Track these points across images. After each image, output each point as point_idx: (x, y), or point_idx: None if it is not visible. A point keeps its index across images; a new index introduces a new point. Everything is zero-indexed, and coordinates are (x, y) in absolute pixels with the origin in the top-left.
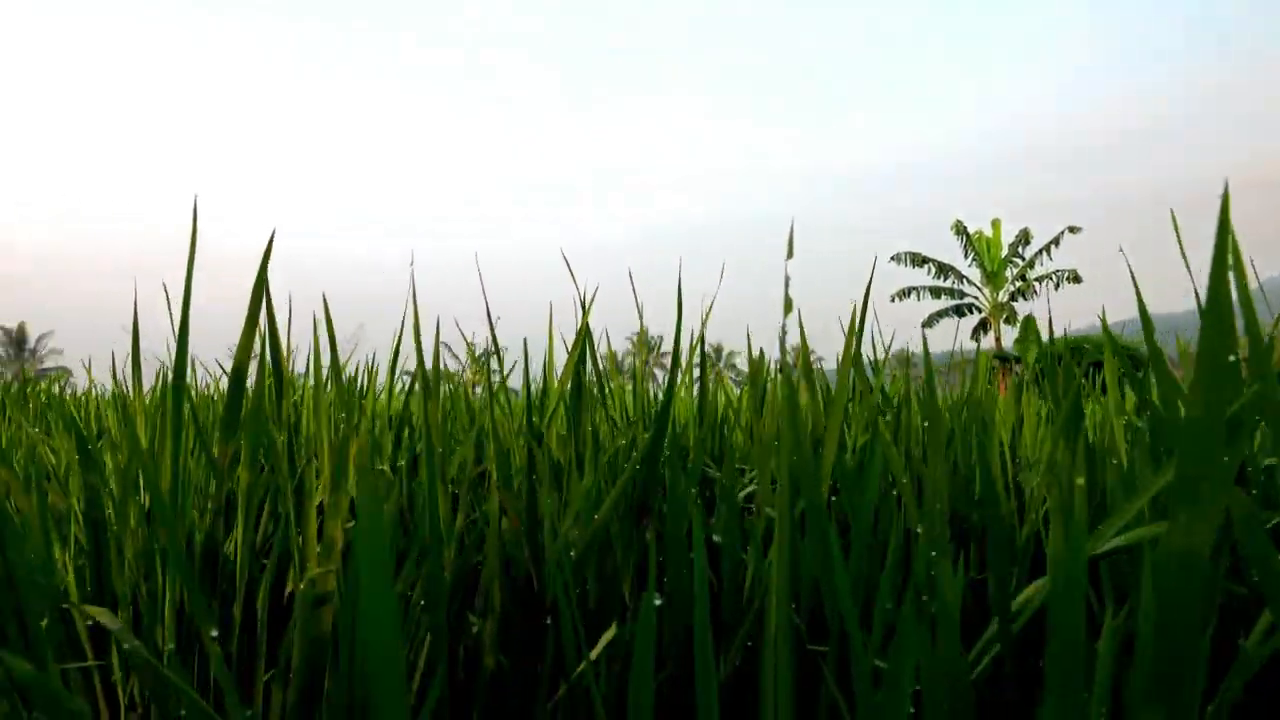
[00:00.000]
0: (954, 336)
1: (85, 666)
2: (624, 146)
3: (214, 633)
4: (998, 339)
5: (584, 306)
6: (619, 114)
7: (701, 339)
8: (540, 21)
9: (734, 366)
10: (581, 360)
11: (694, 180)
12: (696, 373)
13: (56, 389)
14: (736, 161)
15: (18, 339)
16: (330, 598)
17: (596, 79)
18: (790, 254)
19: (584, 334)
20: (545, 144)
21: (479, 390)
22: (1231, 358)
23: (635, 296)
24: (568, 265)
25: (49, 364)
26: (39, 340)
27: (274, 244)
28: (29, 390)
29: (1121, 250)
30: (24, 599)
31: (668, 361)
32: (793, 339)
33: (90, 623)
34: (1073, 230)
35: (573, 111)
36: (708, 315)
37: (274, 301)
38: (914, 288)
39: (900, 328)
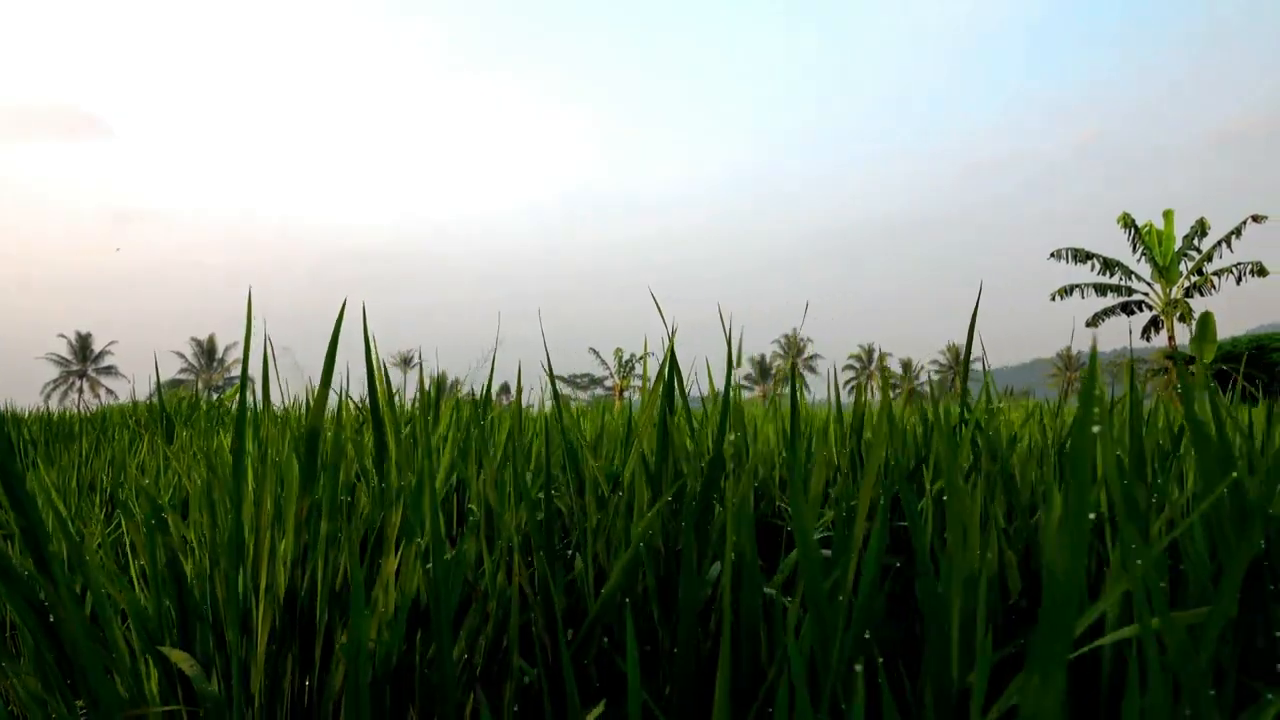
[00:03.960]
0: (1116, 337)
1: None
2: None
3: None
4: (1171, 338)
5: None
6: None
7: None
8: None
9: (886, 368)
10: None
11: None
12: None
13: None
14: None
15: (208, 350)
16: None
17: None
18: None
19: None
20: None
21: (627, 396)
22: None
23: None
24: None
25: (235, 372)
26: (226, 350)
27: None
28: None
29: None
30: (111, 637)
31: (816, 364)
32: (944, 339)
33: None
34: (1257, 219)
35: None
36: (789, 321)
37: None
38: (1076, 285)
39: (1063, 328)
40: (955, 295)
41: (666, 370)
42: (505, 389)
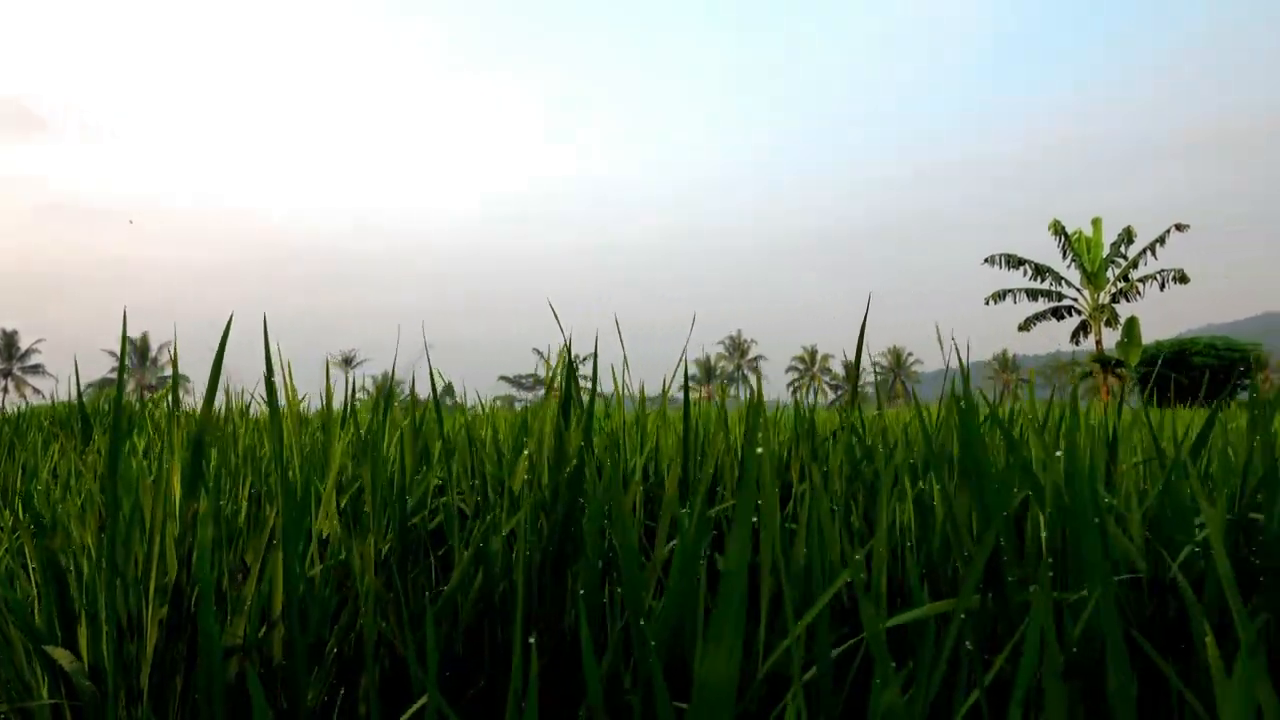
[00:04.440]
0: (1049, 340)
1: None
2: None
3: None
4: (1098, 342)
5: None
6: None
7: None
8: None
9: (828, 370)
10: None
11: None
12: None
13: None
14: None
15: (140, 349)
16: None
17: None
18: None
19: None
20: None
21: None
22: None
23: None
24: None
25: (168, 372)
26: (160, 349)
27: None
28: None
29: None
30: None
31: (760, 365)
32: (889, 342)
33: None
34: (1180, 228)
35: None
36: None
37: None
38: (1009, 290)
39: (996, 331)
40: (908, 297)
41: (563, 382)
42: (450, 389)
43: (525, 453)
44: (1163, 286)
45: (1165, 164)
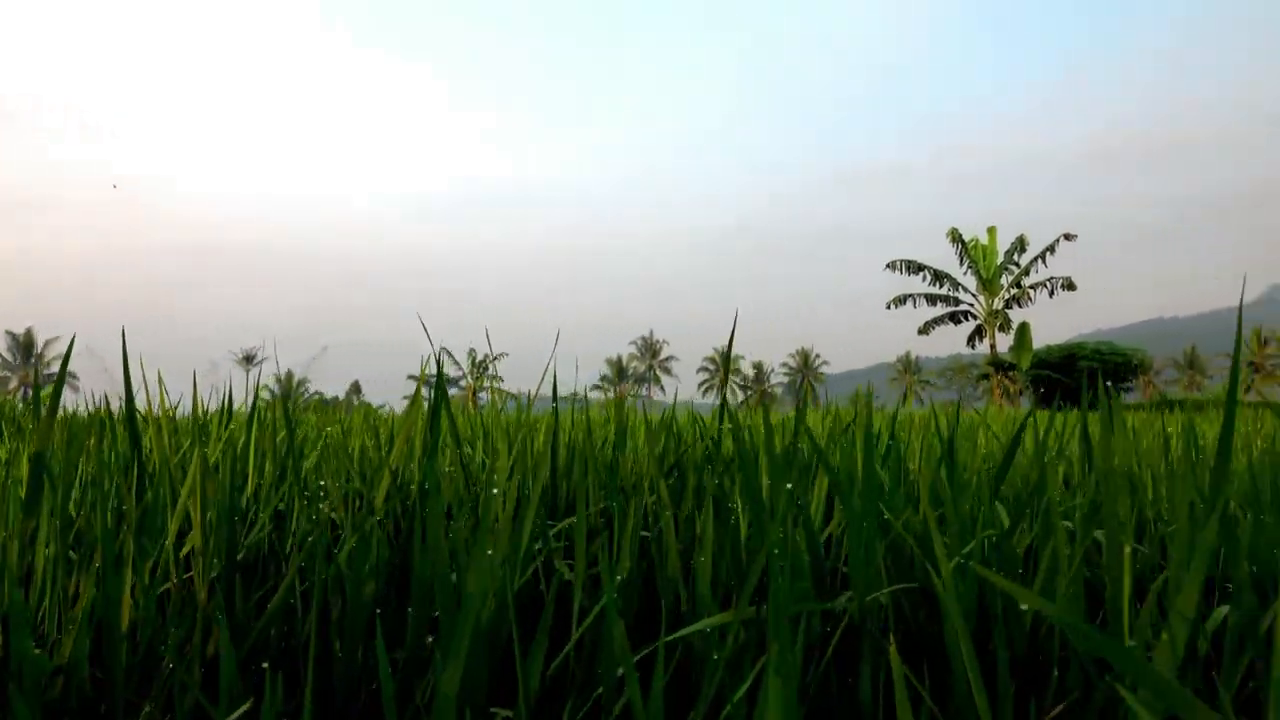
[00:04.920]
0: (950, 343)
1: None
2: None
3: None
4: (992, 346)
5: None
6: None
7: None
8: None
9: (738, 371)
10: None
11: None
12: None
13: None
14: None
15: (25, 345)
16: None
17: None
18: None
19: None
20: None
21: (483, 396)
22: None
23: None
24: None
25: (54, 369)
26: (46, 345)
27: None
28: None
29: None
30: None
31: (671, 365)
32: (801, 343)
33: None
34: (1069, 237)
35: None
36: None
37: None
38: (910, 294)
39: (897, 334)
40: (821, 299)
41: (433, 396)
42: (356, 388)
43: (386, 467)
44: (1052, 294)
45: (1060, 175)
